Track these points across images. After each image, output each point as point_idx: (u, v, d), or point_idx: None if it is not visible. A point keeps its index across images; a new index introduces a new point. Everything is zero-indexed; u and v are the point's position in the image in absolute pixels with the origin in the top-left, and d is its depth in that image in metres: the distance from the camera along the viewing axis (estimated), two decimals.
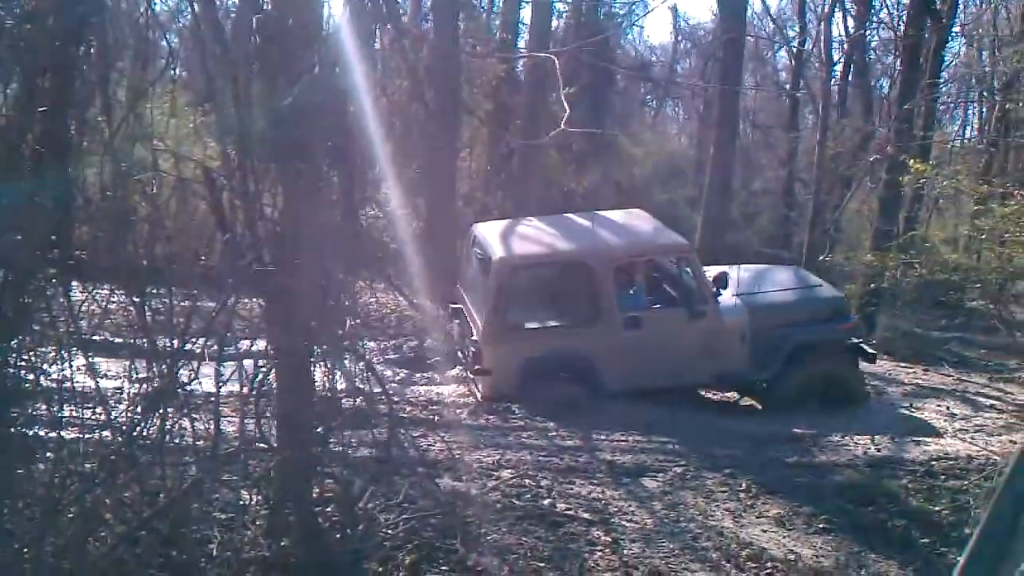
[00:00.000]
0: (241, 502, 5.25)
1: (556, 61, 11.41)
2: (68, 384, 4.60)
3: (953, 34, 22.25)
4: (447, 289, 11.76)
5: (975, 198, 10.97)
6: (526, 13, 21.09)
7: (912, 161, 12.16)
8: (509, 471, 7.17)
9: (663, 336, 9.53)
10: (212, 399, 4.73)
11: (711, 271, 10.03)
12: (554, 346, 9.49)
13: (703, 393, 10.61)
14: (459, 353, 10.60)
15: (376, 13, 9.96)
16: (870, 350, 10.25)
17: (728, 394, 10.72)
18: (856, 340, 10.16)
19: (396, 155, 10.67)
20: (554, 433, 8.37)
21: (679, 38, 38.80)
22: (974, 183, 11.47)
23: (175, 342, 4.67)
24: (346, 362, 5.08)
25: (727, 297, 9.92)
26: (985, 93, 26.50)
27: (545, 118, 17.79)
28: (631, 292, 9.79)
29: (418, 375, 10.61)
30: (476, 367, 9.55)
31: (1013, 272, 9.81)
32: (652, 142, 31.28)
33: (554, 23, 23.09)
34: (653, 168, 28.23)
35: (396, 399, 7.12)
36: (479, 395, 9.58)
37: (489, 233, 10.44)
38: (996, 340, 13.70)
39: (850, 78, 27.32)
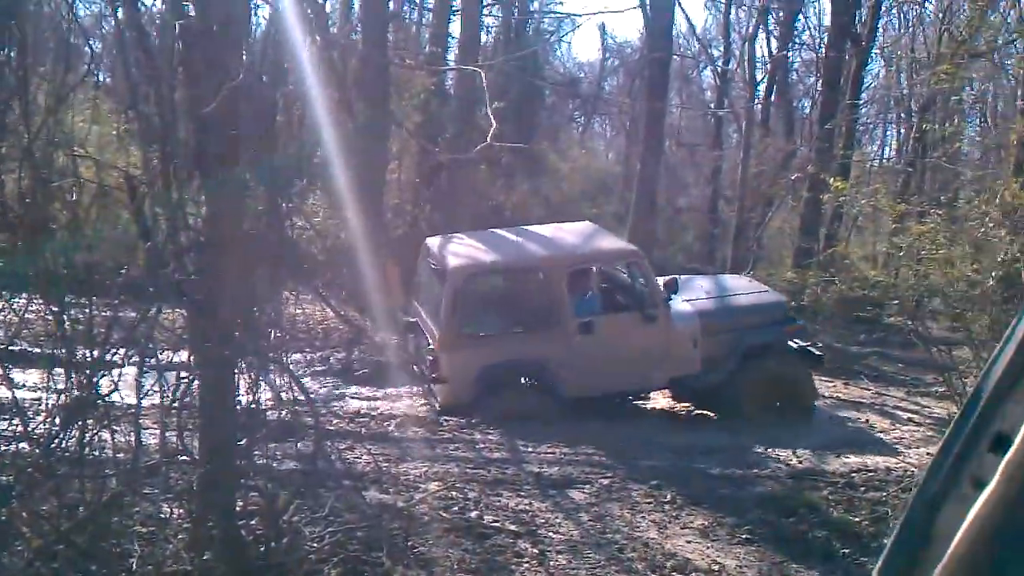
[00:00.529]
0: (162, 515, 5.13)
1: (483, 75, 11.47)
2: None
3: (873, 56, 22.93)
4: (375, 300, 11.70)
5: (893, 216, 11.21)
6: (455, 27, 21.19)
7: (832, 180, 12.42)
8: (436, 483, 7.13)
9: (616, 341, 9.66)
10: (133, 411, 4.62)
11: (661, 278, 10.17)
12: (510, 353, 9.54)
13: (645, 403, 10.74)
14: (414, 367, 10.55)
15: (304, 23, 9.90)
16: (817, 352, 10.47)
17: (676, 405, 10.85)
18: (804, 343, 10.37)
19: (323, 166, 10.60)
20: (482, 445, 8.36)
21: (607, 55, 39.30)
22: (892, 202, 11.70)
23: (95, 352, 4.56)
24: (271, 374, 5.01)
25: (678, 302, 10.05)
26: (903, 114, 27.26)
27: (474, 132, 17.83)
28: (584, 298, 9.89)
29: (345, 388, 10.51)
30: (433, 375, 9.55)
31: (929, 289, 10.03)
32: (580, 158, 31.52)
33: (484, 38, 23.20)
34: (581, 183, 28.44)
35: (322, 411, 7.04)
36: (437, 404, 9.59)
37: (442, 245, 10.52)
38: (913, 355, 13.98)
39: (773, 98, 27.96)
